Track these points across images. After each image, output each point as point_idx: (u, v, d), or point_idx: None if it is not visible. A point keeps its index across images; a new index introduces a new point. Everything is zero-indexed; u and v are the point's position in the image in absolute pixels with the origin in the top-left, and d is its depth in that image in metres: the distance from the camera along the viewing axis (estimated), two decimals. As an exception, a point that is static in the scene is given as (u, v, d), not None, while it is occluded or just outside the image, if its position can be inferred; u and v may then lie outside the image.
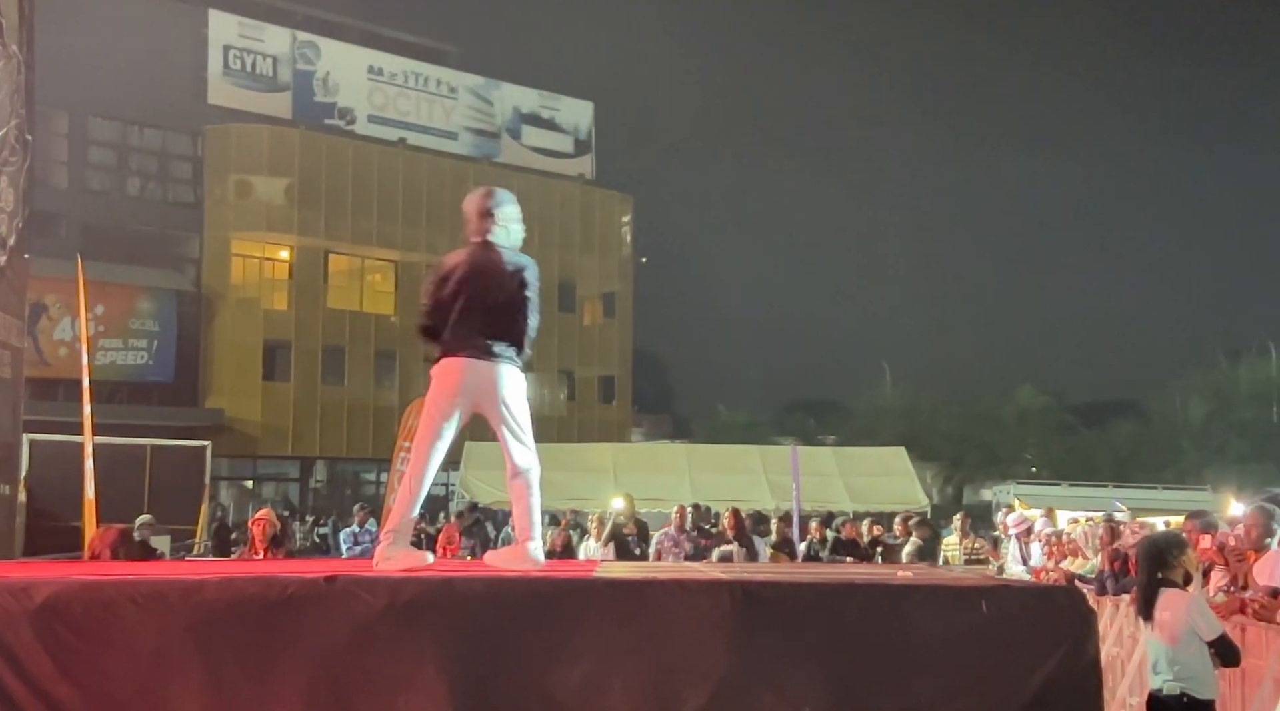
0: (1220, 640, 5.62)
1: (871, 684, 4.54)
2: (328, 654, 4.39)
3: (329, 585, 4.48)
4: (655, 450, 32.51)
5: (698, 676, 4.48)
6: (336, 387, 40.88)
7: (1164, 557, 5.83)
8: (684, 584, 4.84)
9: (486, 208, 5.80)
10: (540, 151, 47.10)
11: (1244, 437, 39.54)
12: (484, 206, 5.81)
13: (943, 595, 4.87)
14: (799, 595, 4.83)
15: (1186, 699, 5.56)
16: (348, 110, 43.07)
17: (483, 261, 5.73)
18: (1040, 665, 4.56)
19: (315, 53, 42.65)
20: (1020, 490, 28.76)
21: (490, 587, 4.67)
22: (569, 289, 46.50)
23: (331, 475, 42.46)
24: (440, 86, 45.38)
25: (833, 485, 23.56)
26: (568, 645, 4.47)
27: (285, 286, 40.97)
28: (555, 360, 45.79)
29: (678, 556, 13.53)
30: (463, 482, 23.35)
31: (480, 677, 4.42)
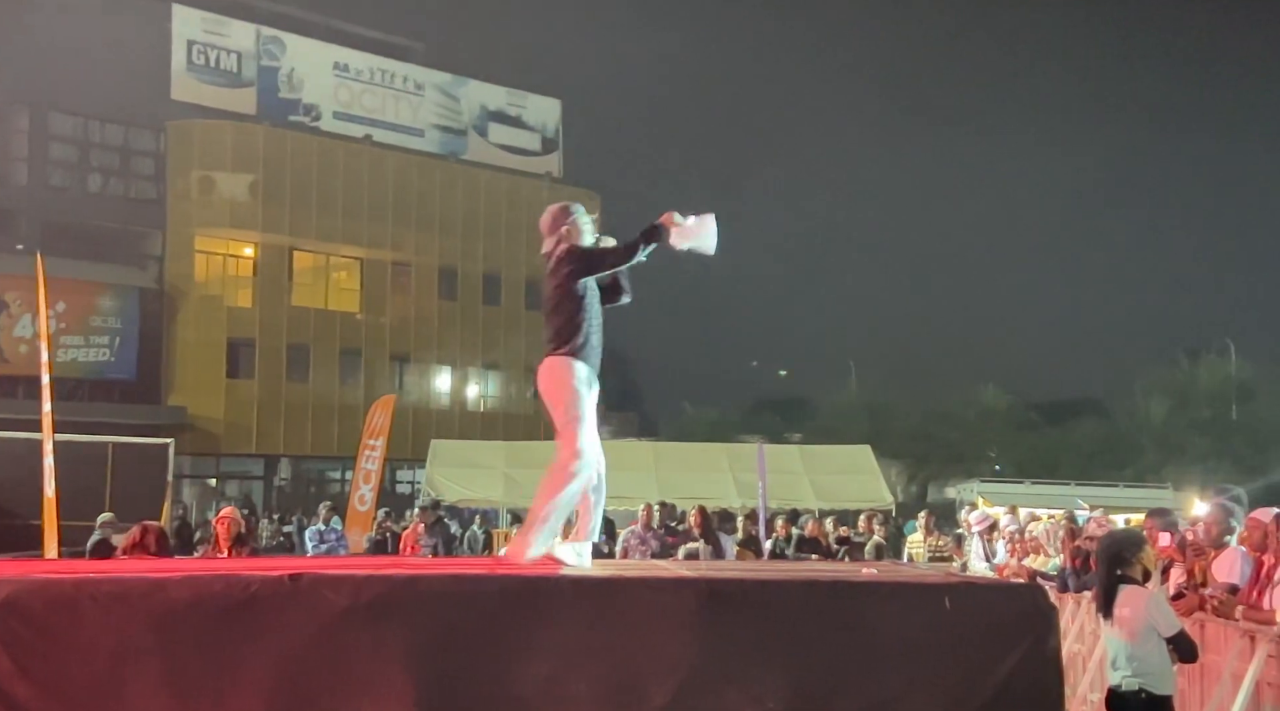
0: (1178, 636, 5.69)
1: (835, 680, 4.58)
2: (291, 652, 4.37)
3: (293, 583, 4.46)
4: (622, 448, 32.40)
5: (662, 673, 4.50)
6: (301, 385, 40.64)
7: (1123, 555, 5.90)
8: (649, 582, 4.86)
9: (551, 224, 5.92)
10: (507, 149, 47.00)
11: (1203, 436, 39.97)
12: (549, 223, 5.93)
13: (906, 592, 4.92)
14: (763, 593, 4.87)
15: (1145, 694, 5.63)
16: (313, 106, 42.81)
17: (547, 271, 5.86)
18: (1002, 661, 4.61)
19: (280, 48, 42.37)
20: (984, 488, 28.93)
21: (455, 585, 4.67)
22: (535, 287, 46.37)
23: (296, 473, 42.20)
24: (406, 83, 45.18)
25: (799, 483, 23.63)
26: (533, 642, 4.48)
27: (249, 283, 40.68)
28: (522, 358, 45.68)
29: (644, 554, 13.54)
30: (428, 480, 23.25)
31: (445, 675, 4.42)
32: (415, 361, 43.67)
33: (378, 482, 21.89)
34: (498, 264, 44.88)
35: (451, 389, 44.92)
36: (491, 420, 43.66)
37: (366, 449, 21.62)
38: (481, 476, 23.29)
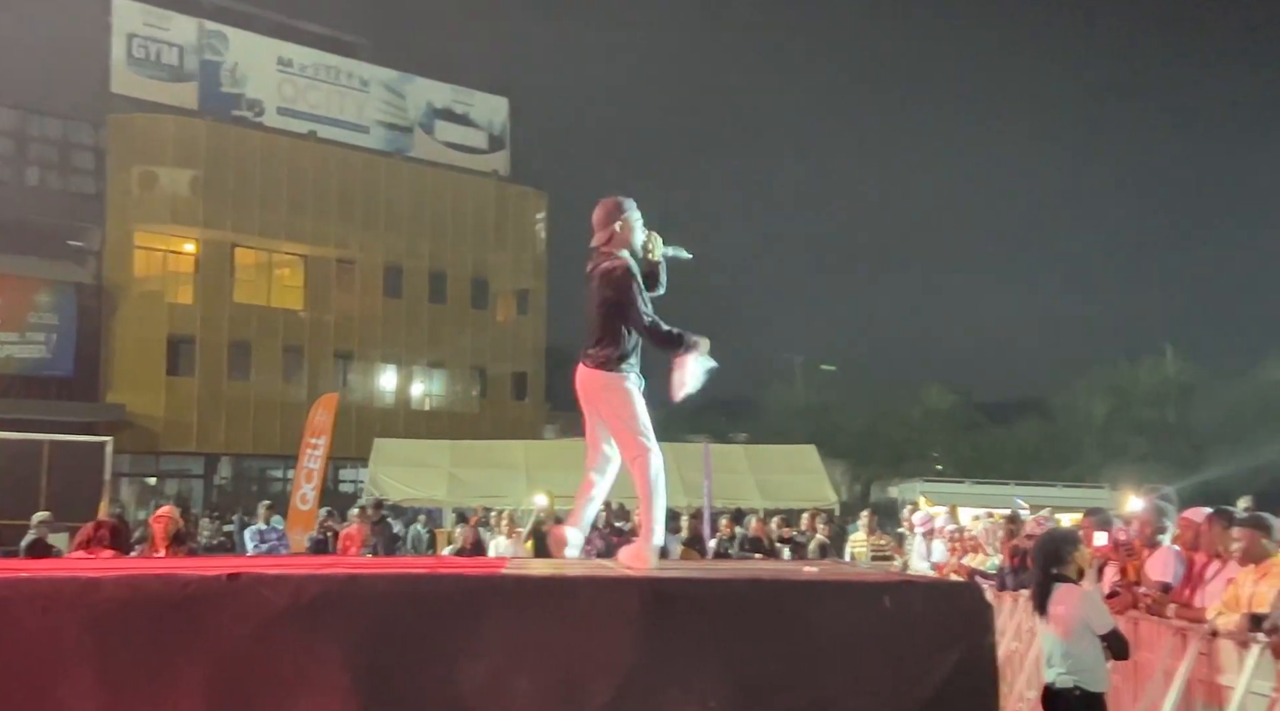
0: (1112, 634, 5.79)
1: (776, 678, 4.60)
2: (229, 653, 4.33)
3: (231, 582, 4.42)
4: (568, 447, 32.39)
5: (605, 672, 4.50)
6: (242, 383, 40.21)
7: (1058, 554, 5.99)
8: (592, 581, 4.87)
9: (604, 218, 5.86)
10: (454, 147, 46.78)
11: (1142, 436, 40.60)
12: (602, 217, 5.87)
13: (846, 591, 4.96)
14: (706, 592, 4.88)
15: (1079, 691, 5.71)
16: (256, 102, 42.37)
17: (592, 271, 5.82)
18: (940, 658, 4.66)
19: (223, 43, 41.89)
20: (926, 488, 29.22)
21: (396, 585, 4.65)
22: (482, 285, 46.26)
23: (237, 472, 41.76)
24: (352, 79, 44.84)
25: (744, 483, 23.75)
26: (475, 642, 4.46)
27: (190, 280, 40.18)
28: (468, 357, 45.53)
29: (589, 554, 13.55)
30: (371, 479, 23.11)
31: (386, 675, 4.40)
32: (359, 359, 43.37)
33: (320, 482, 21.71)
34: (443, 262, 44.68)
35: (396, 387, 44.66)
36: (436, 419, 43.45)
37: (308, 448, 21.44)
38: (426, 475, 23.20)
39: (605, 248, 5.80)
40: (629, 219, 5.81)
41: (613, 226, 5.78)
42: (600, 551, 13.59)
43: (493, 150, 47.92)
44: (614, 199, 5.89)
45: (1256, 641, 5.59)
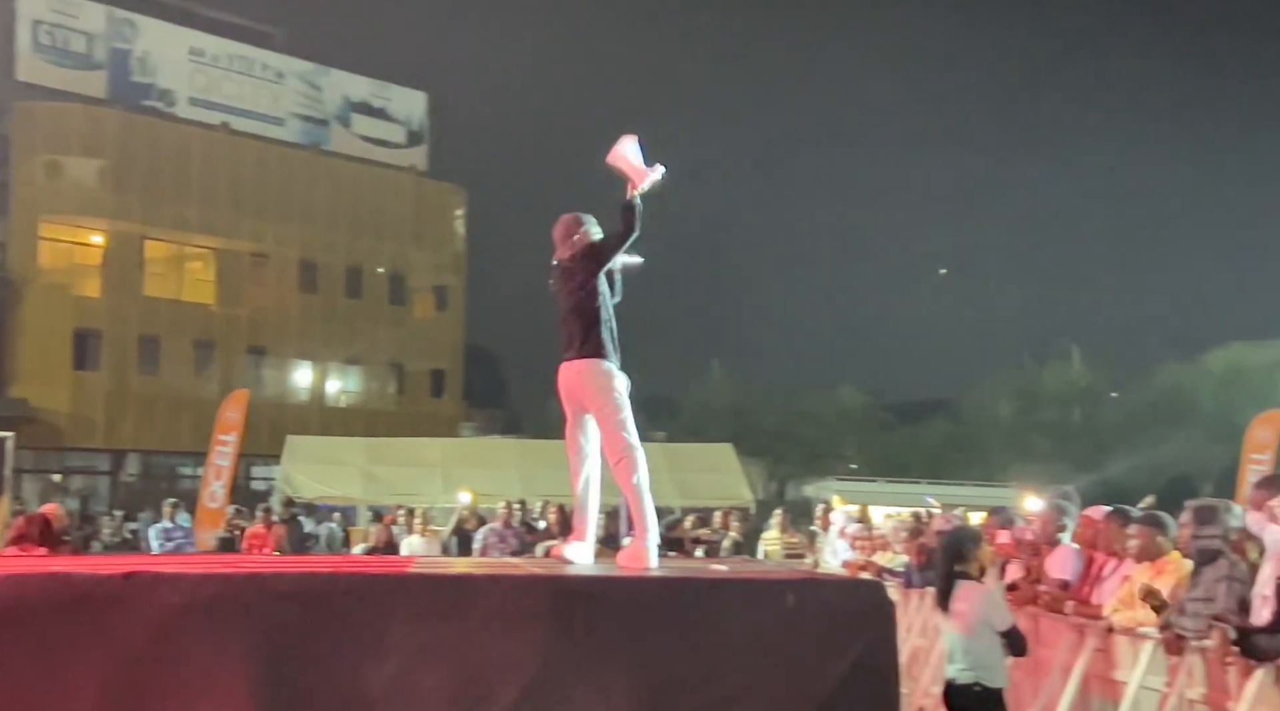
0: (1011, 631, 5.89)
1: (682, 676, 4.63)
2: (124, 654, 4.25)
3: (126, 582, 4.34)
4: (486, 445, 32.29)
5: (511, 671, 4.50)
6: (151, 378, 39.40)
7: (961, 551, 6.09)
8: (499, 579, 4.86)
9: (564, 232, 6.06)
10: (371, 141, 46.28)
11: (1047, 437, 41.44)
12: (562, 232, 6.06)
13: (752, 589, 5.01)
14: (613, 590, 4.91)
15: (979, 687, 5.82)
16: (167, 91, 41.52)
17: (558, 273, 5.99)
18: (843, 654, 4.73)
19: (133, 31, 40.99)
20: (839, 487, 29.53)
21: (298, 584, 4.59)
22: (399, 281, 45.83)
23: (145, 469, 40.91)
24: (266, 70, 44.14)
25: (660, 481, 23.59)
26: (379, 642, 4.43)
27: (97, 272, 39.26)
28: (384, 353, 45.07)
29: (503, 552, 13.54)
30: (284, 477, 22.76)
31: (287, 676, 4.35)
32: (273, 355, 42.72)
33: (230, 479, 21.35)
34: (360, 257, 44.20)
35: (311, 383, 44.08)
36: (352, 416, 42.93)
37: (218, 444, 21.07)
38: (340, 473, 22.91)
39: (569, 262, 5.99)
40: (587, 232, 6.03)
41: (572, 239, 5.99)
42: (515, 549, 13.58)
43: (411, 145, 47.50)
44: (572, 215, 6.11)
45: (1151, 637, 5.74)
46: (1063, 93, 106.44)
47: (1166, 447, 38.61)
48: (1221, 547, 5.56)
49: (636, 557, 5.73)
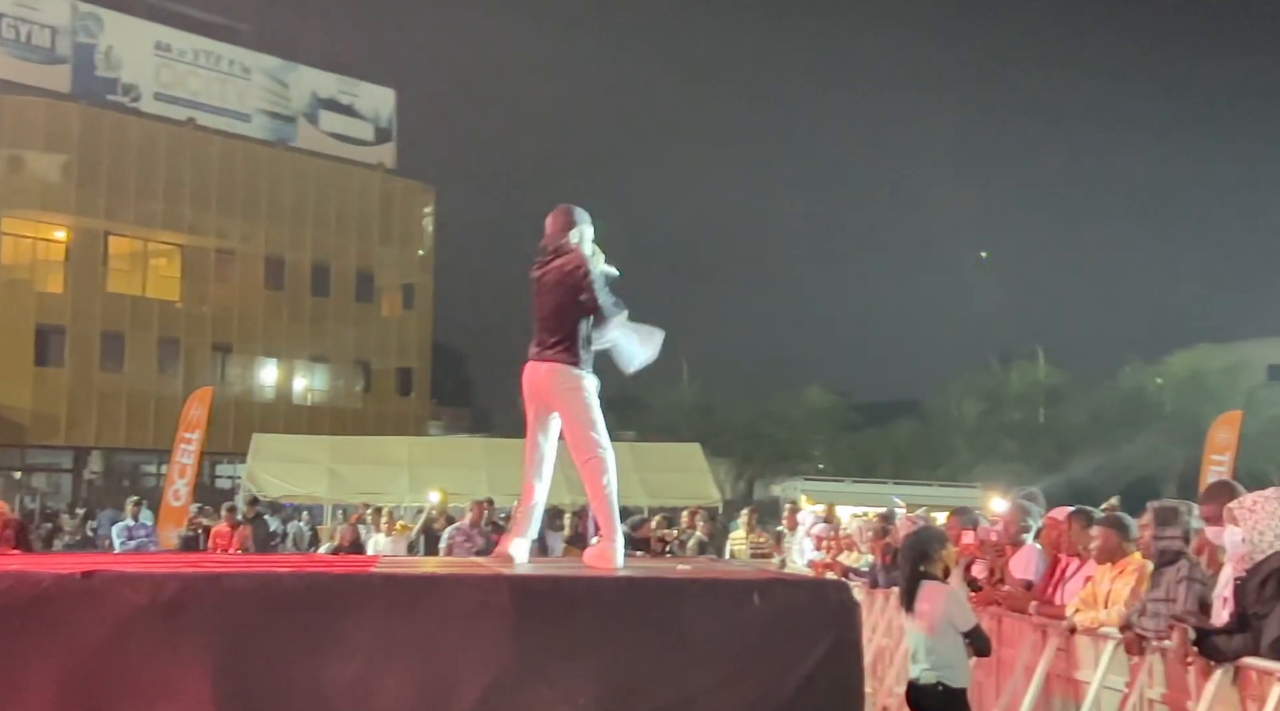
0: (974, 631, 5.92)
1: (644, 675, 4.62)
2: (84, 654, 4.20)
3: (85, 581, 4.29)
4: (453, 444, 32.20)
5: (473, 671, 4.48)
6: (115, 375, 39.08)
7: (925, 552, 6.11)
8: (463, 579, 4.84)
9: (562, 225, 5.99)
10: (339, 138, 46.07)
11: (1012, 438, 41.77)
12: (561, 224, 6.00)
13: (717, 589, 5.00)
14: (577, 589, 4.88)
15: (942, 687, 5.84)
16: (132, 86, 41.18)
17: (544, 273, 5.91)
18: (807, 654, 4.73)
19: (98, 25, 40.62)
20: (806, 486, 29.64)
21: (260, 584, 4.55)
22: (367, 279, 45.63)
23: (108, 466, 40.56)
24: (233, 66, 43.84)
25: (628, 480, 23.71)
26: (341, 642, 4.40)
27: (60, 268, 38.93)
28: (351, 351, 44.87)
29: (469, 551, 13.48)
30: (249, 475, 22.58)
31: (247, 676, 4.31)
32: (239, 352, 42.45)
33: (193, 477, 21.15)
34: (327, 254, 43.98)
35: (276, 381, 43.83)
36: (318, 414, 42.70)
37: (182, 442, 20.85)
38: (305, 472, 22.75)
39: (557, 249, 5.93)
40: (581, 230, 5.99)
41: (567, 234, 5.94)
42: (481, 549, 13.52)
43: (379, 142, 47.31)
44: (569, 208, 6.07)
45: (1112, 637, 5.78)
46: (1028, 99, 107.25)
47: (1130, 449, 38.96)
48: (1182, 548, 5.60)
49: (603, 558, 5.73)
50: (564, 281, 5.78)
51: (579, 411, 5.80)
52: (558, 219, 5.99)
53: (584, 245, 5.96)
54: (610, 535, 5.81)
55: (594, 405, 5.84)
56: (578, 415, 5.80)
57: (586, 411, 5.81)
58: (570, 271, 5.77)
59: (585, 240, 5.99)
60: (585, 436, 5.80)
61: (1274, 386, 43.29)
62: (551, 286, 5.82)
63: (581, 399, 5.79)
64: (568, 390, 5.78)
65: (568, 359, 5.77)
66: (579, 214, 6.03)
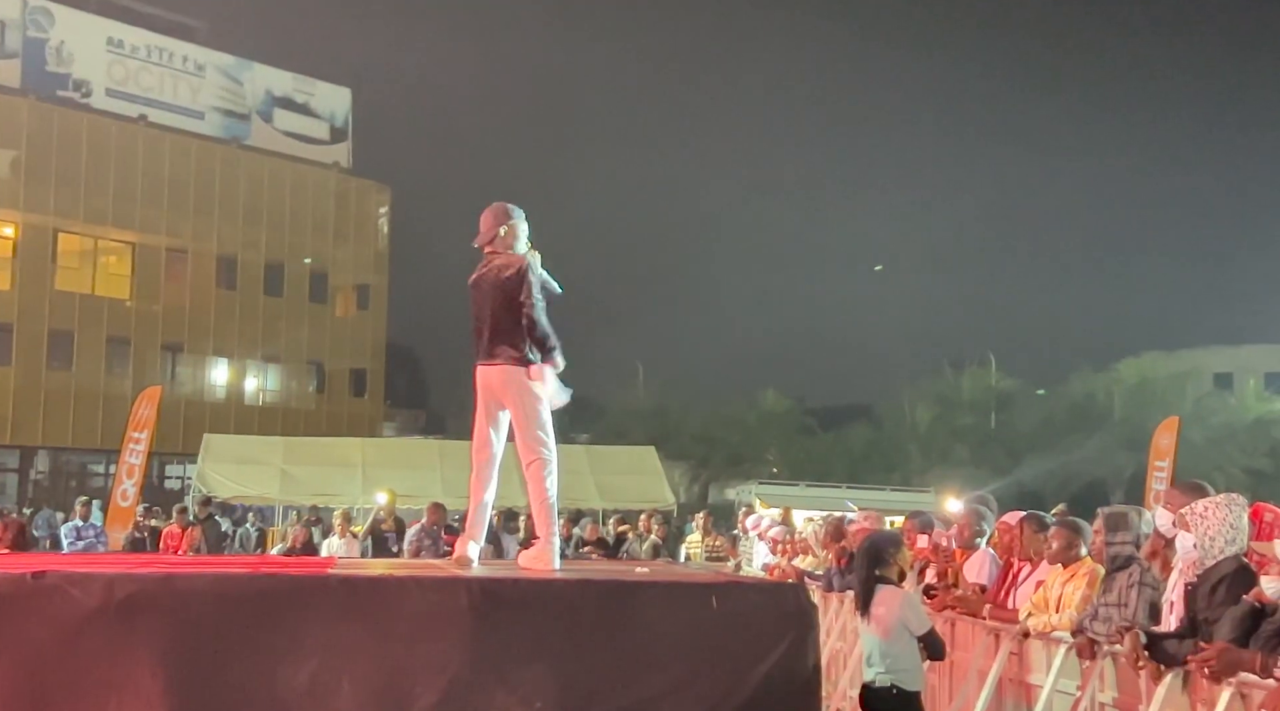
0: (928, 635, 5.97)
1: (602, 678, 4.63)
2: (32, 655, 4.16)
3: (36, 581, 4.24)
4: (407, 445, 32.04)
5: (430, 674, 4.47)
6: (63, 373, 38.56)
7: (881, 556, 6.15)
8: (420, 581, 4.82)
9: (491, 221, 5.97)
10: (293, 136, 45.70)
11: (964, 443, 42.11)
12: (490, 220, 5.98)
13: (675, 591, 5.02)
14: (535, 592, 4.89)
15: (896, 690, 5.88)
16: (84, 82, 40.65)
17: (484, 274, 5.91)
18: (764, 657, 4.76)
19: (48, 20, 40.07)
20: (761, 490, 29.72)
21: (214, 585, 4.52)
22: (320, 279, 45.31)
23: (55, 466, 39.98)
24: (187, 63, 43.38)
25: (583, 483, 23.76)
26: (296, 644, 4.38)
27: (8, 265, 38.37)
28: (304, 351, 44.52)
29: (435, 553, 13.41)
30: (200, 475, 22.35)
31: (201, 678, 4.28)
32: (190, 352, 42.02)
33: (141, 477, 20.90)
34: (281, 254, 43.63)
35: (228, 381, 43.41)
36: (270, 415, 42.33)
37: (130, 442, 20.61)
38: (257, 472, 22.56)
39: (490, 249, 5.92)
40: (514, 226, 5.97)
41: (498, 230, 5.92)
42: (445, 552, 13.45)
43: (334, 141, 46.99)
44: (502, 205, 6.03)
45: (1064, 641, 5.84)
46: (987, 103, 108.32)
47: (1079, 454, 39.43)
48: (1133, 554, 5.67)
49: (540, 559, 5.75)
50: (504, 284, 5.79)
51: (530, 412, 5.82)
52: (488, 217, 5.98)
53: (519, 243, 5.97)
54: (547, 537, 5.83)
55: (545, 405, 5.86)
56: (528, 416, 5.82)
57: (537, 413, 5.83)
58: (510, 276, 5.78)
59: (521, 237, 5.99)
60: (534, 437, 5.82)
61: (1220, 394, 44.03)
62: (491, 289, 5.83)
63: (533, 399, 5.81)
64: (520, 391, 5.80)
65: (519, 361, 5.78)
66: (513, 211, 6.02)
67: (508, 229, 5.93)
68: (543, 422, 5.84)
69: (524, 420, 5.83)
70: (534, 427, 5.82)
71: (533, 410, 5.82)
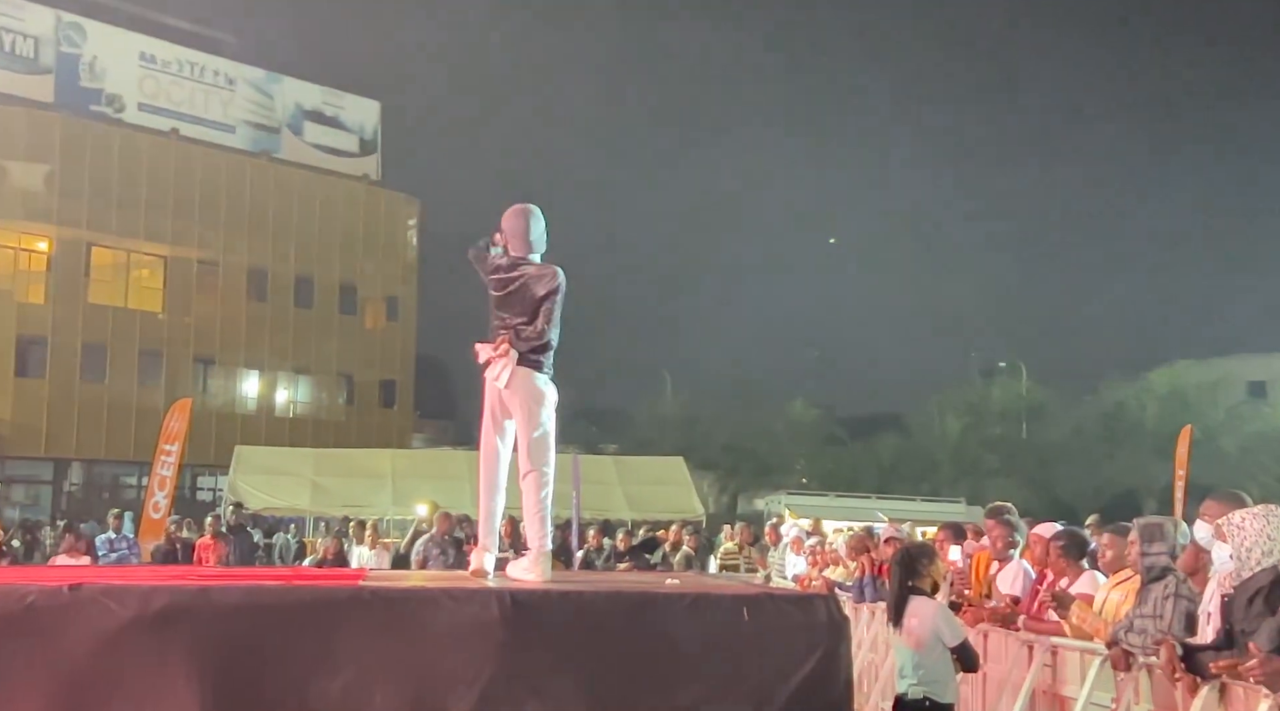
0: (961, 646, 5.92)
1: (635, 690, 4.62)
2: (70, 666, 4.19)
3: (73, 594, 4.27)
4: (436, 457, 32.16)
5: (462, 685, 4.47)
6: (97, 386, 38.88)
7: (915, 566, 6.11)
8: (452, 593, 4.82)
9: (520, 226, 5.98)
10: (323, 149, 46.00)
11: (994, 452, 41.89)
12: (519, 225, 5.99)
13: (705, 603, 4.99)
14: (566, 604, 4.88)
15: (929, 702, 5.83)
16: (116, 97, 41.06)
17: (513, 275, 5.89)
18: (796, 669, 4.73)
19: (81, 35, 40.51)
20: (790, 500, 29.69)
21: (248, 597, 4.54)
22: (350, 291, 45.53)
23: (88, 478, 40.31)
24: (217, 77, 43.76)
25: (612, 494, 23.79)
26: (329, 655, 4.39)
27: (42, 279, 38.76)
28: (335, 363, 44.75)
29: (444, 563, 13.47)
30: (231, 487, 22.51)
31: (235, 690, 4.30)
32: (221, 364, 42.31)
33: (172, 489, 21.05)
34: (311, 266, 43.89)
35: (259, 393, 43.67)
36: (300, 426, 42.57)
37: (162, 454, 20.76)
38: (288, 484, 22.71)
39: (518, 254, 5.93)
40: (540, 228, 6.01)
41: (529, 235, 5.94)
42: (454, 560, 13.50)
43: (364, 154, 47.26)
44: (526, 207, 6.05)
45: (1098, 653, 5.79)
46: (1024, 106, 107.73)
47: (1111, 464, 39.14)
48: (1169, 565, 5.62)
49: (531, 570, 5.75)
50: (533, 294, 5.79)
51: (537, 417, 5.81)
52: (515, 221, 5.99)
53: (540, 243, 6.01)
54: (540, 548, 5.82)
55: (549, 419, 5.86)
56: (536, 421, 5.81)
57: (541, 424, 5.82)
58: (544, 293, 5.79)
59: (542, 238, 6.02)
60: (538, 447, 5.82)
61: (1254, 403, 43.63)
62: (520, 294, 5.82)
63: (539, 411, 5.81)
64: (531, 399, 5.80)
65: (534, 365, 5.78)
66: (536, 212, 6.04)
67: (536, 232, 5.97)
68: (546, 433, 5.84)
69: (528, 429, 5.82)
70: (537, 438, 5.82)
71: (539, 416, 5.81)
